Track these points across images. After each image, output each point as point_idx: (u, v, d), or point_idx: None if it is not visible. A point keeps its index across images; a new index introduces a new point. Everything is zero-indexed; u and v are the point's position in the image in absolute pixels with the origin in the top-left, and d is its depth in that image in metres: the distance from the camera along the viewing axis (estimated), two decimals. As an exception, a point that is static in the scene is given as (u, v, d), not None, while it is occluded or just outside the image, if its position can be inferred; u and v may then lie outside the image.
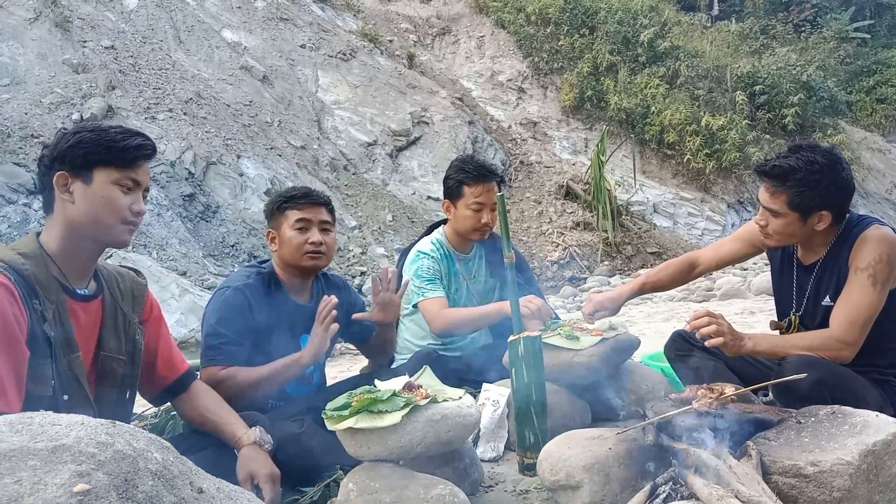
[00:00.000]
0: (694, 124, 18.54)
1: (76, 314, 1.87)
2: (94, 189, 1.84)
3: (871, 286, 2.33)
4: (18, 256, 1.77)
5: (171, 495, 0.97)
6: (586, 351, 2.71)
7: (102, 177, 1.84)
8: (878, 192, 22.36)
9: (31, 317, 1.71)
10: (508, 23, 20.99)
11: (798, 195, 2.35)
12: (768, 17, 27.39)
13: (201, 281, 9.73)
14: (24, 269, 1.74)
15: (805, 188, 2.34)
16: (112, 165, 1.85)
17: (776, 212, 2.41)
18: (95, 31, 13.42)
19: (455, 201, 3.34)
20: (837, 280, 2.46)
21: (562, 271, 14.07)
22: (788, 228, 2.43)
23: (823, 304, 2.52)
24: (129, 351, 2.01)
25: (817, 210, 2.38)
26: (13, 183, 9.64)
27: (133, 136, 1.91)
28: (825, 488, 1.72)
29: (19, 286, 1.70)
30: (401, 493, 1.88)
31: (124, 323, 2.02)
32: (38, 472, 0.90)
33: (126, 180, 1.86)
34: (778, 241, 2.53)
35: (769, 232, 2.49)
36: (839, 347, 2.34)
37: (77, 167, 1.84)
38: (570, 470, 1.98)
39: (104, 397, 1.95)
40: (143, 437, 1.03)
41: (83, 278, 1.93)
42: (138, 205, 1.89)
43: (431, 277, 3.28)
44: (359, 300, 3.06)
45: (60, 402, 1.75)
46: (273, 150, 13.39)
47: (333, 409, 2.03)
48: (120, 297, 2.03)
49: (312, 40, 17.17)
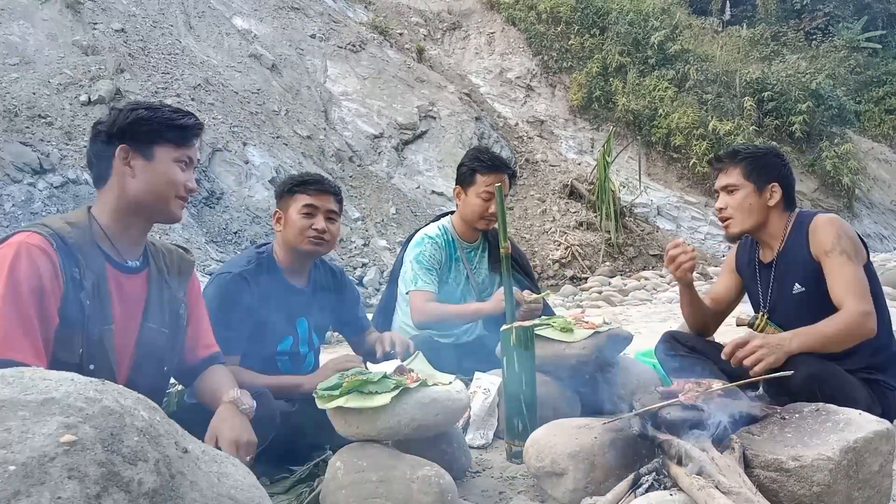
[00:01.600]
0: (701, 128, 18.54)
1: (121, 286, 1.91)
2: (155, 165, 1.91)
3: (848, 261, 2.43)
4: (66, 225, 1.82)
5: (155, 452, 1.00)
6: (578, 343, 2.73)
7: (163, 154, 1.92)
8: (882, 202, 22.33)
9: (67, 284, 1.75)
10: (519, 20, 20.99)
11: (750, 164, 2.61)
12: (780, 23, 27.34)
13: (203, 267, 9.77)
14: (70, 236, 1.80)
15: (755, 158, 2.63)
16: (172, 143, 1.93)
17: (733, 185, 2.62)
18: (106, 14, 13.46)
19: (466, 188, 3.41)
20: (802, 268, 2.55)
21: (563, 270, 14.09)
22: (746, 202, 2.60)
23: (794, 292, 2.59)
24: (172, 324, 2.05)
25: (769, 181, 2.60)
26: (19, 162, 9.68)
27: (187, 115, 2.00)
28: (805, 483, 1.75)
29: (61, 253, 1.75)
30: (387, 473, 1.91)
31: (169, 297, 2.05)
32: (27, 423, 0.93)
33: (184, 157, 1.95)
34: (740, 222, 2.63)
35: (729, 213, 2.63)
36: (864, 318, 2.37)
37: (139, 143, 1.90)
38: (555, 457, 2.01)
39: (142, 368, 1.97)
40: (131, 395, 1.06)
41: (133, 251, 1.97)
42: (192, 182, 1.98)
43: (428, 267, 3.33)
44: (354, 291, 3.07)
45: (86, 372, 1.75)
46: (279, 139, 13.42)
47: (324, 389, 2.05)
48: (167, 270, 2.07)
49: (323, 30, 17.19)
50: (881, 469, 1.81)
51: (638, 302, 10.51)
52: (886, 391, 2.50)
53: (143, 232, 1.99)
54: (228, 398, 1.98)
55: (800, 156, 20.98)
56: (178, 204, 1.96)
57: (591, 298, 11.05)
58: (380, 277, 11.17)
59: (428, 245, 3.38)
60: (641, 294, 11.16)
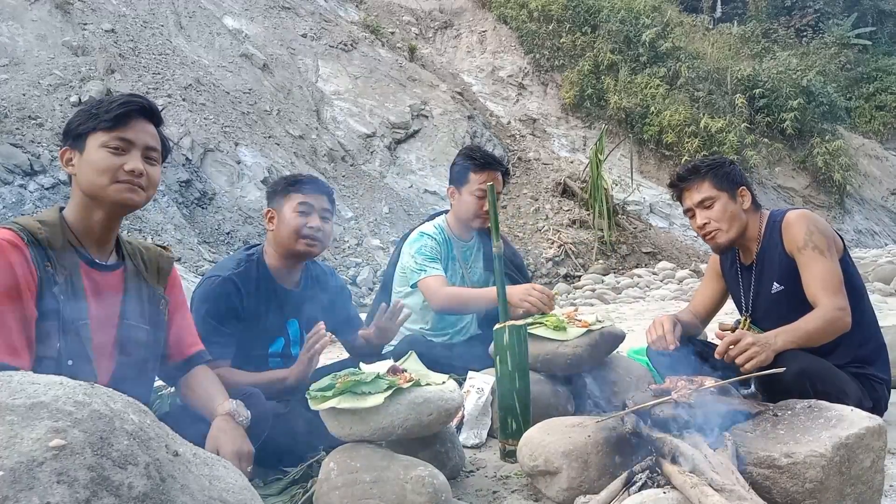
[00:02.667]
0: (693, 126, 18.59)
1: (95, 282, 1.90)
2: (85, 156, 1.88)
3: (820, 256, 2.46)
4: (37, 223, 1.82)
5: (145, 455, 0.99)
6: (571, 342, 2.73)
7: (92, 142, 1.88)
8: (874, 198, 22.43)
9: (40, 279, 1.74)
10: (511, 18, 21.01)
11: (715, 175, 2.64)
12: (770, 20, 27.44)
13: (196, 267, 9.74)
14: (40, 233, 1.79)
15: (718, 167, 2.67)
16: (99, 130, 1.87)
17: (710, 198, 2.64)
18: (96, 14, 13.39)
19: (460, 187, 3.42)
20: (778, 266, 2.59)
21: (556, 268, 14.09)
22: (727, 210, 2.62)
23: (773, 291, 2.63)
24: (152, 320, 2.03)
25: (737, 186, 2.65)
26: (9, 164, 9.62)
27: (121, 99, 1.92)
28: (798, 479, 1.75)
29: (32, 248, 1.75)
30: (381, 474, 1.90)
31: (149, 294, 2.04)
32: (15, 427, 0.93)
33: (113, 141, 1.87)
34: (728, 230, 2.63)
35: (714, 226, 2.64)
36: (839, 314, 2.40)
37: (73, 139, 1.90)
38: (548, 456, 2.00)
39: (125, 367, 1.95)
40: (120, 399, 1.06)
41: (103, 248, 1.95)
42: (132, 163, 1.87)
43: (433, 256, 3.33)
44: (345, 291, 3.07)
45: (64, 367, 1.77)
46: (271, 139, 13.39)
47: (317, 390, 2.04)
48: (144, 268, 2.05)
49: (314, 30, 17.16)
50: (873, 465, 1.82)
51: (631, 299, 10.54)
52: (875, 384, 2.52)
53: (108, 228, 1.94)
54: (224, 410, 1.99)
55: (791, 152, 21.08)
56: (120, 188, 1.87)
57: (584, 296, 11.07)
58: (373, 277, 11.16)
59: (427, 240, 3.39)
60: (634, 292, 11.19)
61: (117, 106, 1.88)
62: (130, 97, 1.94)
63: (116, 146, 1.87)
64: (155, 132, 1.97)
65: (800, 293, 2.51)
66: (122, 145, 1.88)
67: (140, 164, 1.89)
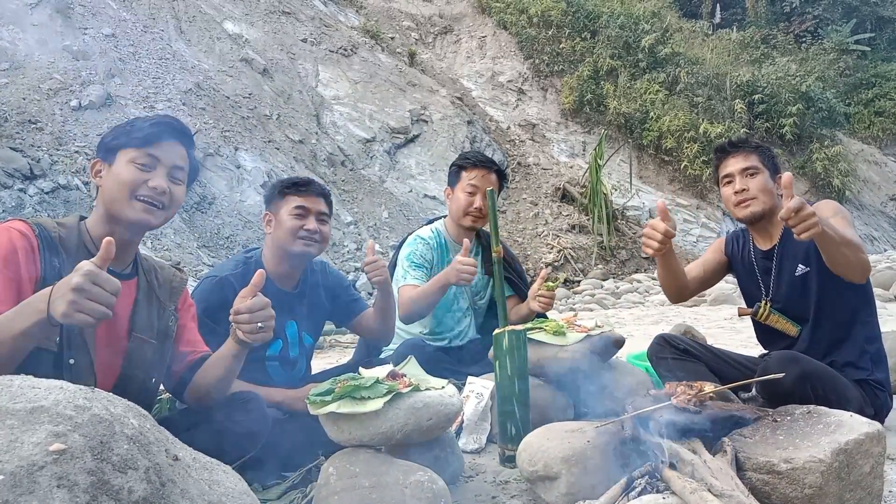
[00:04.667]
0: (692, 131, 18.61)
1: None
2: (114, 169, 1.92)
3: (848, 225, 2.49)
4: (55, 224, 1.87)
5: (145, 459, 0.99)
6: (570, 347, 2.73)
7: (122, 157, 1.92)
8: (873, 204, 22.45)
9: (45, 269, 1.76)
10: (510, 24, 21.05)
11: (763, 153, 2.77)
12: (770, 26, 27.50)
13: (195, 272, 9.73)
14: (54, 231, 1.83)
15: (766, 149, 2.80)
16: (132, 146, 1.92)
17: (755, 168, 2.72)
18: (96, 19, 13.41)
19: (454, 187, 3.45)
20: (804, 247, 2.61)
21: (556, 273, 14.09)
22: (768, 185, 2.70)
23: (797, 273, 2.66)
24: (160, 335, 2.04)
25: (777, 171, 2.74)
26: (9, 168, 9.62)
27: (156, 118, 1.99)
28: (797, 485, 1.75)
29: (43, 241, 1.78)
30: (380, 479, 1.90)
31: (158, 308, 2.05)
32: (16, 431, 0.93)
33: (142, 157, 1.91)
34: (763, 202, 2.69)
35: (753, 194, 2.70)
36: (865, 254, 2.41)
37: (105, 152, 1.94)
38: (548, 461, 2.00)
39: (131, 377, 1.96)
40: (120, 403, 1.06)
41: (119, 259, 1.95)
42: (155, 180, 1.91)
43: (419, 264, 3.32)
44: (341, 280, 3.03)
45: (65, 365, 1.77)
46: (271, 144, 13.40)
47: (316, 395, 2.04)
48: (157, 285, 2.07)
49: (314, 35, 17.18)
50: (872, 471, 1.82)
51: (630, 304, 10.54)
52: (877, 391, 2.52)
53: (127, 243, 1.97)
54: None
55: (790, 158, 21.10)
56: (138, 206, 1.90)
57: (583, 301, 11.07)
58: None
59: (419, 245, 3.39)
60: (634, 297, 11.19)
61: (150, 125, 1.94)
62: (165, 117, 2.00)
63: (144, 163, 1.91)
64: (185, 153, 2.01)
65: (823, 274, 2.53)
66: (149, 162, 1.92)
67: (164, 181, 1.93)
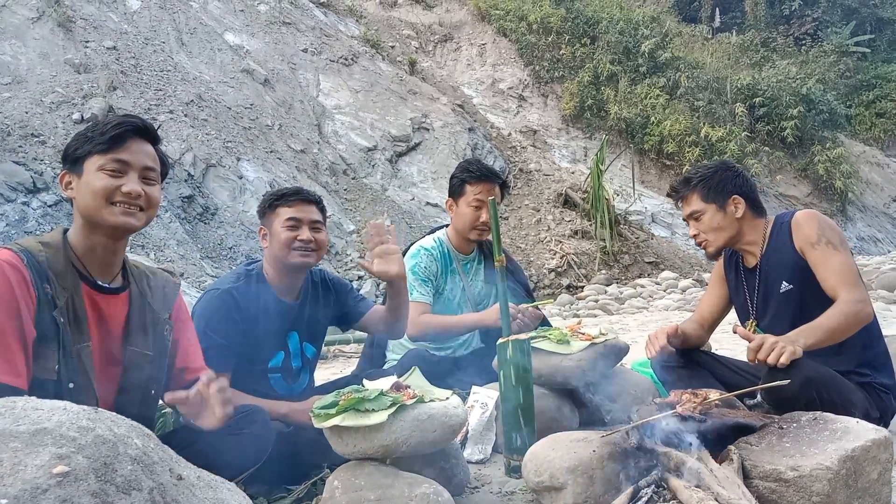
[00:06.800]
0: (693, 135, 18.62)
1: (97, 305, 1.88)
2: (83, 179, 1.86)
3: (834, 250, 2.46)
4: (39, 245, 1.81)
5: (149, 480, 0.99)
6: (575, 355, 2.72)
7: (89, 166, 1.86)
8: (875, 205, 22.41)
9: (39, 300, 1.73)
10: (510, 31, 21.09)
11: (704, 187, 2.71)
12: (769, 29, 27.51)
13: (198, 283, 9.73)
14: (41, 255, 1.78)
15: (707, 180, 2.71)
16: (95, 153, 1.86)
17: (697, 211, 2.72)
18: (98, 32, 13.48)
19: (457, 199, 3.43)
20: (789, 265, 2.57)
21: (559, 279, 14.08)
22: (714, 221, 2.69)
23: (782, 291, 2.61)
24: (157, 346, 2.01)
25: (728, 195, 2.68)
26: (12, 181, 9.65)
27: (119, 120, 1.91)
28: (804, 493, 1.74)
29: (32, 269, 1.73)
30: (385, 492, 1.89)
31: (153, 319, 2.01)
32: (19, 454, 0.92)
33: (110, 163, 1.85)
34: (714, 241, 2.71)
35: (704, 238, 2.73)
36: (860, 306, 2.37)
37: (72, 163, 1.88)
38: (553, 471, 1.99)
39: (131, 391, 1.94)
40: (124, 423, 1.05)
41: (107, 271, 1.93)
42: (128, 185, 1.85)
43: (424, 278, 3.32)
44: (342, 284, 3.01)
45: (65, 390, 1.75)
46: (273, 154, 13.43)
47: (321, 408, 2.03)
48: (149, 293, 2.03)
49: (314, 45, 17.24)
50: (880, 477, 1.81)
51: (634, 310, 10.52)
52: (882, 394, 2.50)
53: (111, 251, 1.93)
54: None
55: (792, 160, 21.08)
56: (115, 210, 1.84)
57: (587, 307, 11.05)
58: (375, 290, 11.15)
59: (423, 256, 3.38)
60: (638, 302, 11.17)
61: (112, 127, 1.86)
62: (125, 118, 1.92)
63: (113, 168, 1.85)
64: (152, 151, 1.94)
65: (808, 291, 2.50)
66: (118, 167, 1.86)
67: (137, 185, 1.87)
